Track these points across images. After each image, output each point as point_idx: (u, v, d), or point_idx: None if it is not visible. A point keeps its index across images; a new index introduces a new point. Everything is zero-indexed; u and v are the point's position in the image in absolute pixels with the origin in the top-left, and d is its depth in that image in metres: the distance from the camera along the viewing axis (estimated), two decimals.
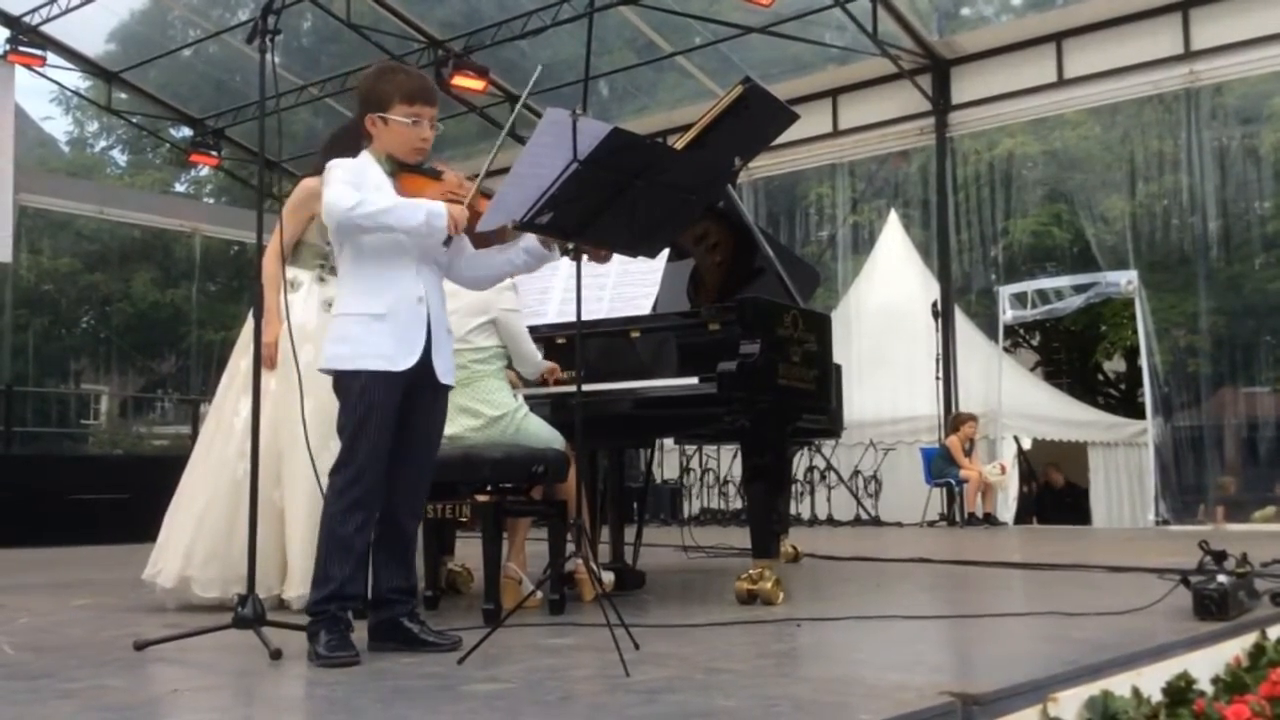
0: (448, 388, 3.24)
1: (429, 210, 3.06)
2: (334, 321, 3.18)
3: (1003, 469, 11.50)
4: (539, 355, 4.22)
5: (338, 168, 3.15)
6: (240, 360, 4.43)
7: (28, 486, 9.35)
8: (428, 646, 3.07)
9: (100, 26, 14.70)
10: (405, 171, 3.22)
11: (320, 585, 2.99)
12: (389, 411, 3.07)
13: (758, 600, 4.08)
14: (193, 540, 4.23)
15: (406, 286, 3.12)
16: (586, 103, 11.08)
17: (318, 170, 4.30)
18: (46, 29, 13.61)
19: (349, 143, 4.26)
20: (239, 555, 3.78)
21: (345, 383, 3.10)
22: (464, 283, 3.46)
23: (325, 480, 3.42)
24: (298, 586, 4.03)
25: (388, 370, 3.06)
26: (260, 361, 3.31)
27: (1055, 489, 13.71)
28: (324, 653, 2.88)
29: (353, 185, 3.09)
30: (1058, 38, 11.51)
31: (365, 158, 3.22)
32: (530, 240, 3.27)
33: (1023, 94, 11.83)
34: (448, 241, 3.12)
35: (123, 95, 15.71)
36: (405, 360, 3.08)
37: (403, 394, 3.10)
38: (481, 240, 3.33)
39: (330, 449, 3.95)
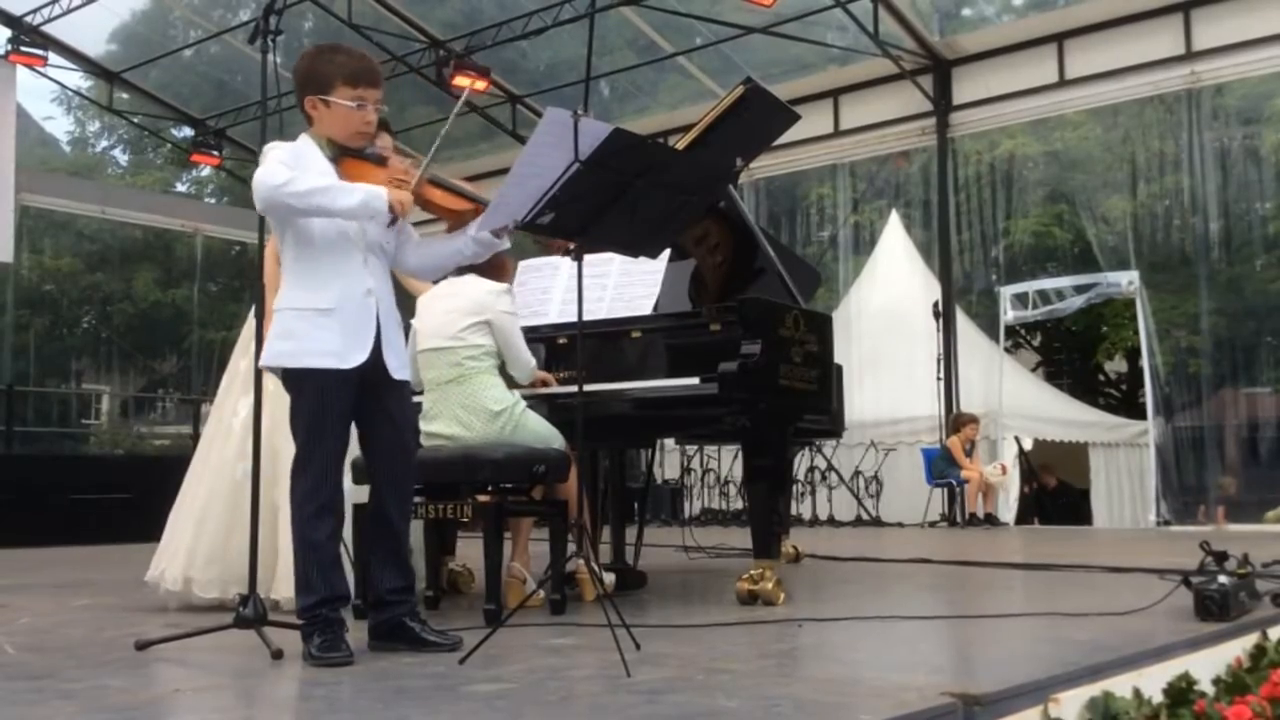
0: (403, 383, 3.14)
1: (367, 192, 2.93)
2: (276, 316, 3.05)
3: (1003, 469, 11.49)
4: (532, 360, 4.17)
5: (275, 149, 3.02)
6: (240, 361, 4.43)
7: (29, 486, 9.36)
8: (429, 646, 3.06)
9: (101, 26, 14.72)
10: (347, 156, 3.11)
11: (305, 593, 2.97)
12: (341, 412, 3.00)
13: (759, 601, 4.08)
14: (194, 541, 4.23)
15: (354, 278, 3.02)
16: (588, 103, 11.08)
17: None
18: (48, 29, 13.62)
19: None
20: (238, 556, 3.79)
21: (293, 382, 3.01)
22: (412, 271, 3.38)
23: None
24: (290, 587, 4.03)
25: (336, 368, 2.96)
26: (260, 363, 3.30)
27: (1048, 490, 13.67)
28: (317, 654, 2.88)
29: (288, 166, 2.96)
30: (1059, 38, 11.51)
31: (305, 141, 3.10)
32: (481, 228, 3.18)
33: (1024, 94, 11.82)
34: (392, 223, 3.00)
35: (124, 95, 15.72)
36: (355, 356, 2.98)
37: (356, 393, 3.02)
38: (455, 220, 3.29)
39: None
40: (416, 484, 3.55)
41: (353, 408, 3.04)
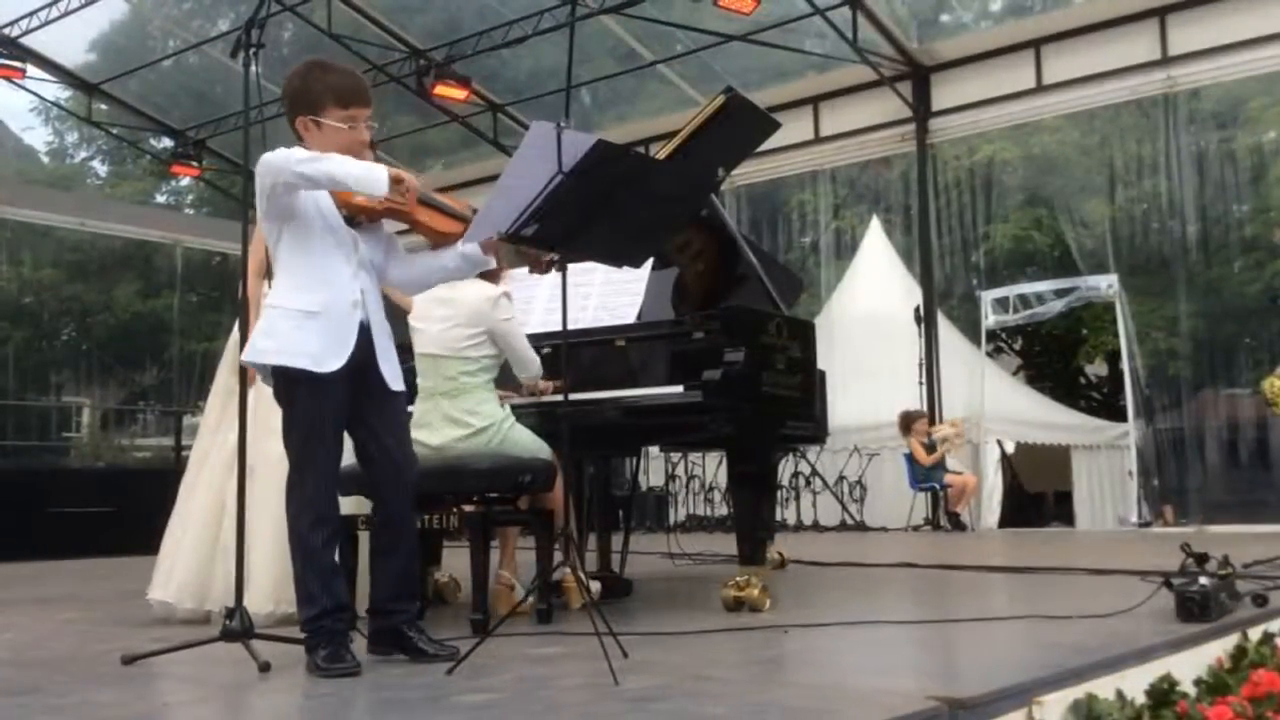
0: (399, 394, 3.16)
1: (370, 166, 2.97)
2: (264, 313, 3.07)
3: (953, 425, 11.45)
4: (537, 360, 4.13)
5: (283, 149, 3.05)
6: (225, 378, 4.44)
7: (8, 500, 9.29)
8: (427, 655, 3.06)
9: (80, 38, 14.68)
10: None
11: (307, 604, 2.97)
12: (334, 420, 3.02)
13: (745, 607, 4.09)
14: (176, 554, 4.26)
15: (342, 287, 3.04)
16: (568, 111, 11.11)
17: None
18: (26, 41, 13.56)
19: None
20: (218, 570, 3.80)
21: (285, 389, 3.02)
22: (398, 285, 3.41)
23: None
24: (257, 603, 3.98)
25: (312, 370, 2.96)
26: (246, 379, 3.30)
27: (1028, 494, 13.66)
28: (323, 665, 2.88)
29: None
30: (1036, 44, 11.59)
31: None
32: (470, 245, 3.20)
33: (1002, 100, 11.90)
34: (373, 219, 2.97)
35: (103, 106, 15.65)
36: (332, 361, 2.98)
37: (352, 404, 3.04)
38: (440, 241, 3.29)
39: None
40: None
41: (346, 418, 3.06)
